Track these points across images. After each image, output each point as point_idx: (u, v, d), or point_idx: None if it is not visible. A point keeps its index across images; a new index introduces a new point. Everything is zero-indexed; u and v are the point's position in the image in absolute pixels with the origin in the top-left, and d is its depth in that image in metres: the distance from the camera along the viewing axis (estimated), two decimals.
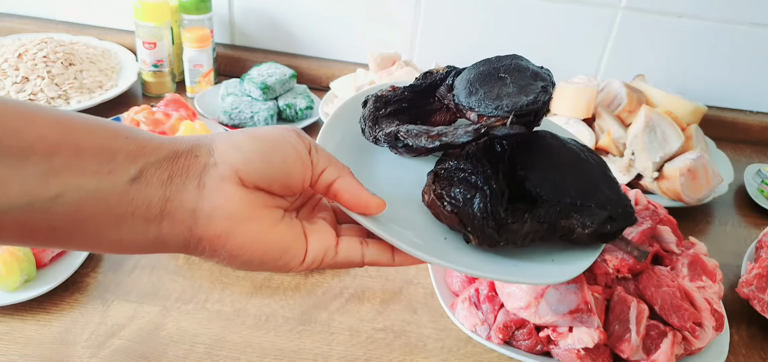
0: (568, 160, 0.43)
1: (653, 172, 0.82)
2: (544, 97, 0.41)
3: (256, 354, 0.58)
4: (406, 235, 0.39)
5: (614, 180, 0.43)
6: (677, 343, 0.56)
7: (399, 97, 0.47)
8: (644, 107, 0.85)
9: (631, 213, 0.42)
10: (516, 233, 0.39)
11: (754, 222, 0.87)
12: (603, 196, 0.41)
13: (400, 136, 0.43)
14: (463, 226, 0.40)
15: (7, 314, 0.59)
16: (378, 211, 0.38)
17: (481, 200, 0.39)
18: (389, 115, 0.46)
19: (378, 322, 0.63)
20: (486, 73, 0.44)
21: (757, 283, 0.65)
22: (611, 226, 0.41)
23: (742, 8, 0.99)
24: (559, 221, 0.40)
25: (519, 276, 0.40)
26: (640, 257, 0.44)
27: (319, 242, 0.37)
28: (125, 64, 1.04)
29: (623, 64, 1.06)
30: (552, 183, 0.41)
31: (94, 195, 0.30)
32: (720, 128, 1.06)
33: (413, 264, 0.40)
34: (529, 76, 0.43)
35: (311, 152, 0.37)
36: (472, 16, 1.04)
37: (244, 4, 1.08)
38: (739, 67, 1.05)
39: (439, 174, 0.41)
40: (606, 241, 0.42)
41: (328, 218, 0.40)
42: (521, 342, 0.57)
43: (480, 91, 0.43)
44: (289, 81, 0.97)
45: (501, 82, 0.43)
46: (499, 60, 0.45)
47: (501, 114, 0.40)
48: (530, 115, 0.40)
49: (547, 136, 0.44)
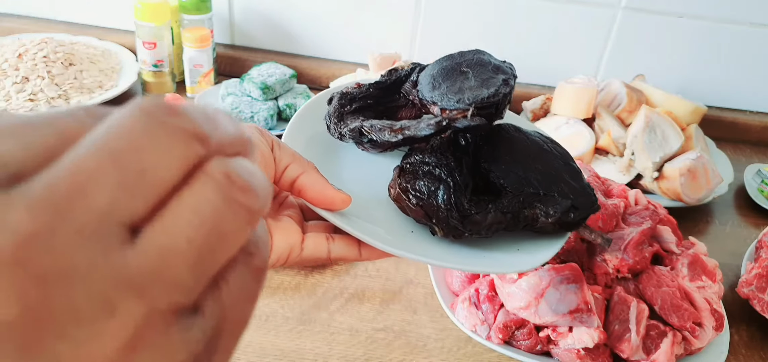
0: (532, 152, 0.44)
1: (653, 172, 0.82)
2: (505, 90, 0.42)
3: (256, 354, 0.58)
4: (371, 229, 0.40)
5: (577, 170, 0.44)
6: (677, 343, 0.56)
7: (364, 93, 0.47)
8: (644, 107, 0.85)
9: (594, 202, 0.42)
10: (480, 224, 0.40)
11: (754, 222, 0.87)
12: (566, 186, 0.42)
13: (364, 131, 0.43)
14: (428, 219, 0.40)
15: None
16: (343, 206, 0.38)
17: (445, 192, 0.39)
18: (354, 112, 0.46)
19: (378, 322, 0.63)
20: (449, 68, 0.45)
21: (757, 283, 0.65)
22: (574, 215, 0.41)
23: (742, 8, 0.99)
24: (522, 211, 0.41)
25: (484, 266, 0.41)
26: (604, 244, 0.44)
27: (284, 239, 0.37)
28: (125, 64, 1.04)
29: (623, 64, 1.06)
30: (515, 174, 0.42)
31: None
32: (720, 128, 1.06)
33: (380, 258, 0.41)
34: (491, 70, 0.44)
35: (274, 149, 0.37)
36: (472, 16, 1.04)
37: (244, 4, 1.08)
38: (739, 67, 1.05)
39: (405, 168, 0.42)
40: (570, 230, 0.43)
41: (294, 215, 0.40)
42: (521, 342, 0.57)
43: (442, 85, 0.44)
44: (289, 81, 0.97)
45: (463, 76, 0.44)
46: (462, 55, 0.46)
47: (462, 107, 0.41)
48: (491, 108, 0.42)
49: (510, 129, 0.45)
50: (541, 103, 0.97)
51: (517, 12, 1.03)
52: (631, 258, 0.59)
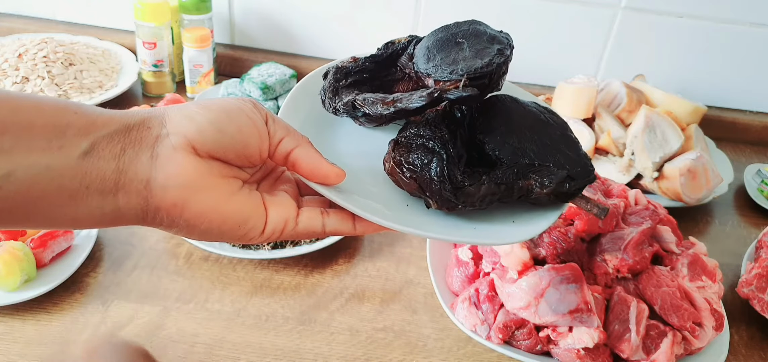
0: (528, 123, 0.43)
1: (653, 172, 0.82)
2: (499, 60, 0.41)
3: (256, 354, 0.58)
4: (365, 203, 0.40)
5: (574, 140, 0.44)
6: (677, 343, 0.56)
7: (360, 67, 0.47)
8: (644, 107, 0.85)
9: (590, 171, 0.42)
10: (473, 195, 0.39)
11: (754, 222, 0.87)
12: (562, 156, 0.42)
13: (357, 104, 0.43)
14: (421, 191, 0.40)
15: (7, 314, 0.59)
16: (337, 181, 0.38)
17: (437, 164, 0.39)
18: (349, 86, 0.46)
19: (378, 322, 0.63)
20: (444, 39, 0.45)
21: (757, 283, 0.65)
22: (570, 185, 0.41)
23: (742, 8, 0.99)
24: (516, 182, 0.40)
25: (479, 238, 0.41)
26: (599, 214, 0.44)
27: (279, 213, 0.37)
28: (125, 64, 1.04)
29: (623, 64, 1.06)
30: (511, 146, 0.41)
31: (46, 172, 0.30)
32: (720, 128, 1.06)
33: (375, 232, 0.40)
34: (486, 40, 0.43)
35: (268, 122, 0.37)
36: (472, 16, 1.04)
37: (244, 4, 1.08)
38: (739, 67, 1.05)
39: (399, 142, 0.41)
40: (566, 200, 0.42)
41: (290, 190, 0.40)
42: (521, 342, 0.57)
43: (437, 56, 0.43)
44: (289, 81, 0.97)
45: (458, 47, 0.43)
46: (458, 25, 0.45)
47: (455, 77, 0.41)
48: (485, 78, 0.41)
49: (506, 101, 0.45)
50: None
51: (517, 12, 1.03)
52: (631, 258, 0.59)
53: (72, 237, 0.65)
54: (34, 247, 0.62)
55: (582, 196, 0.43)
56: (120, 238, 0.69)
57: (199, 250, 0.68)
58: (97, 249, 0.67)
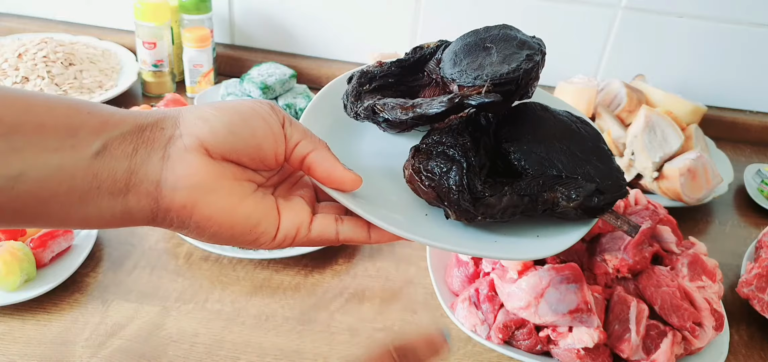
0: (557, 133, 0.41)
1: (653, 171, 0.82)
2: (527, 66, 0.39)
3: (256, 354, 0.58)
4: (381, 212, 0.38)
5: (607, 152, 0.42)
6: (677, 343, 0.56)
7: (385, 72, 0.46)
8: (644, 107, 0.85)
9: (622, 186, 0.40)
10: (494, 207, 0.38)
11: (754, 222, 0.87)
12: (592, 168, 0.40)
13: (377, 109, 0.41)
14: (440, 201, 0.39)
15: (7, 314, 0.59)
16: (353, 187, 0.37)
17: (457, 173, 0.38)
18: (373, 91, 0.45)
19: (378, 322, 0.63)
20: (472, 44, 0.43)
21: (757, 283, 0.65)
22: (599, 199, 0.39)
23: (742, 8, 0.99)
24: (541, 194, 0.38)
25: (498, 252, 0.39)
26: (630, 232, 0.41)
27: (292, 219, 0.37)
28: (125, 64, 1.04)
29: (623, 64, 1.06)
30: (537, 155, 0.40)
31: (58, 171, 0.30)
32: (720, 128, 1.06)
33: (390, 242, 0.39)
34: (516, 46, 0.41)
35: (284, 125, 0.36)
36: (472, 15, 1.04)
37: (244, 4, 1.08)
38: (739, 67, 1.05)
39: (420, 149, 0.40)
40: (594, 215, 0.40)
41: (306, 195, 0.39)
42: (521, 342, 0.57)
43: (464, 62, 0.42)
44: (289, 81, 0.97)
45: (486, 52, 0.42)
46: (488, 30, 0.43)
47: (478, 83, 0.39)
48: (511, 84, 0.39)
49: (536, 108, 0.43)
50: None
51: (517, 12, 1.03)
52: (631, 258, 0.59)
53: (72, 237, 0.65)
54: (34, 247, 0.62)
55: (612, 212, 0.41)
56: (120, 238, 0.69)
57: (199, 250, 0.68)
58: (97, 249, 0.67)
